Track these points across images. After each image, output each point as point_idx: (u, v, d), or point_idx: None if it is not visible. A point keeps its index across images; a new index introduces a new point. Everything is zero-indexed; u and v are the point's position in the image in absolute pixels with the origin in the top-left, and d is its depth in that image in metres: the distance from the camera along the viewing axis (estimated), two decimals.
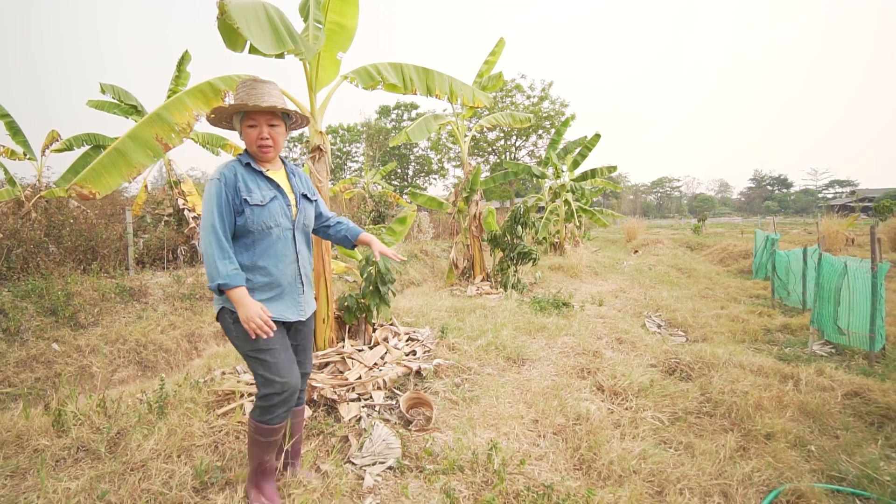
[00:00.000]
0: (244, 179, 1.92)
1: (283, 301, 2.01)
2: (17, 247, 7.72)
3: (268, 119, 1.94)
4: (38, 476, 2.19)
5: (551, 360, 4.06)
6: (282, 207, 1.98)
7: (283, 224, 1.98)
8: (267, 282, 1.95)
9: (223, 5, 1.83)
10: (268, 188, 1.97)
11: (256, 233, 1.92)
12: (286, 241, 2.00)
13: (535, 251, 7.46)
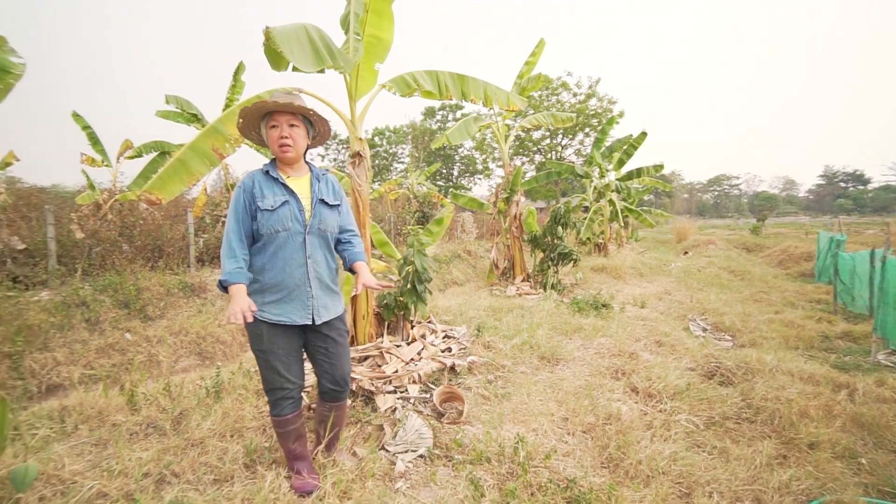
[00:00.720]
0: (260, 186, 2.06)
1: (291, 304, 2.07)
2: (96, 245, 8.52)
3: (287, 120, 2.07)
4: (117, 446, 2.50)
5: (586, 360, 4.07)
6: (292, 212, 2.06)
7: (291, 228, 2.05)
8: (274, 283, 2.05)
9: (268, 32, 2.05)
10: (280, 194, 2.07)
11: (266, 236, 2.04)
12: (295, 245, 2.06)
13: (576, 252, 7.41)
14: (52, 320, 6.29)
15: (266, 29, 2.06)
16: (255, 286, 2.06)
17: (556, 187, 36.21)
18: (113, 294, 7.36)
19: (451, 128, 6.19)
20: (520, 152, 37.97)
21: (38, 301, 6.52)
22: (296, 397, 2.15)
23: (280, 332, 2.06)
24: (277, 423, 2.15)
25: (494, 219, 8.34)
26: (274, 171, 2.11)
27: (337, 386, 2.26)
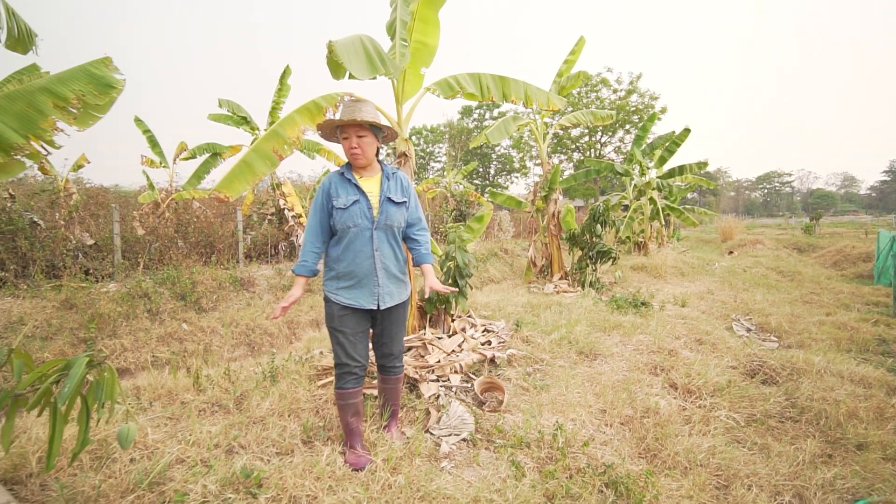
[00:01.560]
0: (336, 187, 2.33)
1: (360, 290, 2.33)
2: (155, 241, 9.13)
3: (356, 131, 2.29)
4: (189, 420, 2.77)
5: (624, 356, 4.10)
6: (361, 210, 2.30)
7: (361, 224, 2.30)
8: (347, 272, 2.32)
9: (331, 45, 2.25)
10: (353, 193, 2.31)
11: (340, 231, 2.32)
12: (364, 239, 2.31)
13: (615, 250, 7.37)
14: (119, 310, 6.82)
15: (329, 43, 2.27)
16: (331, 273, 2.36)
17: (595, 185, 35.57)
18: (171, 287, 7.87)
19: (490, 127, 6.30)
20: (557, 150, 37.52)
21: (107, 292, 7.08)
22: (358, 374, 2.37)
23: (349, 314, 2.33)
24: (339, 395, 2.38)
25: (532, 217, 8.39)
26: (348, 173, 2.36)
27: (391, 361, 2.56)
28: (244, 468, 2.15)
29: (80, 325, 6.28)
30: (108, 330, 6.50)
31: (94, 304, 6.63)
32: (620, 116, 33.52)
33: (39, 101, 1.75)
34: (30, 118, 1.73)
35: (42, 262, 7.08)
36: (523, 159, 41.29)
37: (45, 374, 1.55)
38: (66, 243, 7.59)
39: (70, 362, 1.59)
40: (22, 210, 7.30)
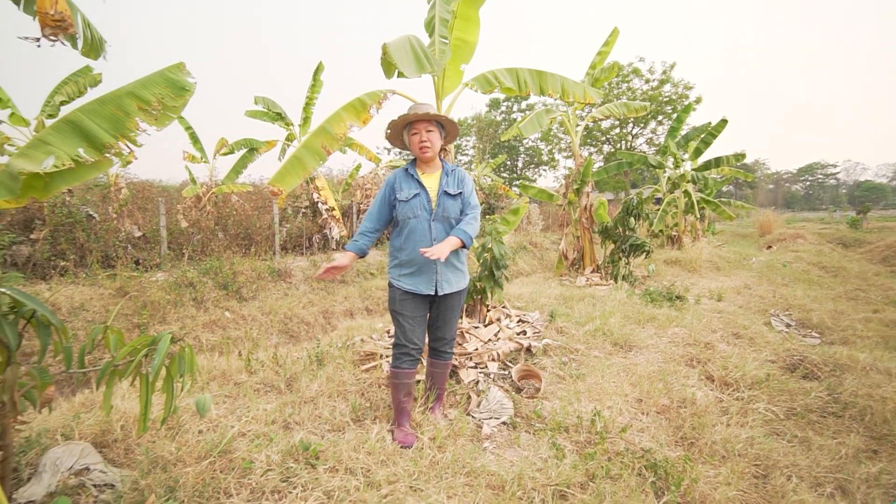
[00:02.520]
0: (399, 181, 2.55)
1: (420, 277, 2.51)
2: (197, 233, 9.54)
3: (425, 126, 2.50)
4: (246, 399, 2.98)
5: (659, 348, 4.12)
6: (421, 202, 2.49)
7: (420, 215, 2.49)
8: (408, 259, 2.51)
9: (385, 47, 2.39)
10: (414, 187, 2.51)
11: (402, 222, 2.53)
12: (423, 230, 2.49)
13: (649, 244, 7.30)
14: (167, 298, 7.20)
15: (384, 45, 2.41)
16: (394, 261, 2.56)
17: (626, 178, 34.85)
18: (214, 277, 8.23)
19: (523, 120, 6.33)
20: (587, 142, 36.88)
21: (156, 281, 7.48)
22: (414, 356, 2.53)
23: (409, 299, 2.51)
24: (394, 374, 2.54)
25: (564, 210, 8.37)
26: (412, 169, 2.56)
27: (442, 346, 2.71)
28: (302, 441, 2.32)
29: (134, 311, 6.67)
30: (158, 316, 6.88)
31: (145, 292, 7.02)
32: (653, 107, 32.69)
33: (126, 104, 1.93)
34: (118, 120, 1.91)
35: (97, 252, 7.52)
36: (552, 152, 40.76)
37: (135, 348, 1.74)
38: (117, 235, 8.04)
39: (156, 338, 1.77)
40: (79, 204, 7.77)
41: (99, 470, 2.08)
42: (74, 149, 1.83)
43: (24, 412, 1.76)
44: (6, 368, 1.57)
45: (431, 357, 2.80)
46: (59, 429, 2.37)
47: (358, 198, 13.25)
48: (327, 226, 11.50)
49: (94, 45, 2.76)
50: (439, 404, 2.86)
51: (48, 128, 1.87)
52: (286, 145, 11.57)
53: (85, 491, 1.94)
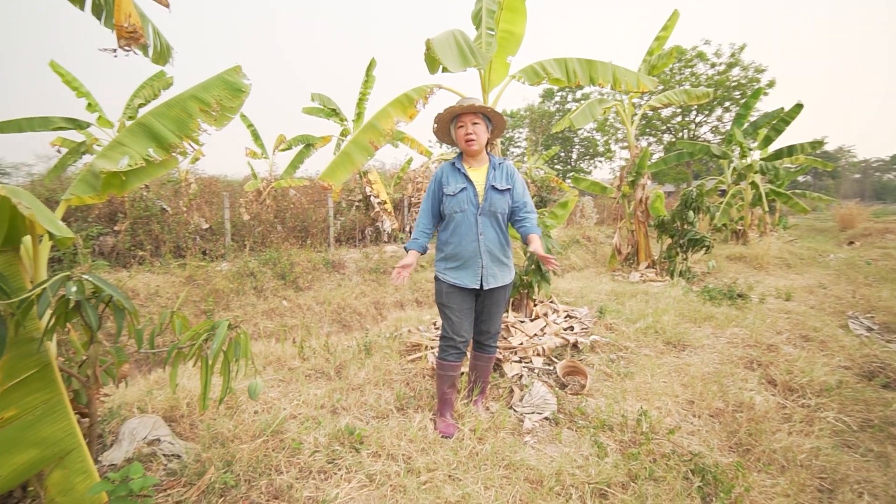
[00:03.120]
0: (447, 176, 2.56)
1: (465, 271, 2.52)
2: (258, 226, 10.07)
3: (471, 119, 2.50)
4: (298, 384, 3.14)
5: (716, 348, 3.92)
6: (468, 196, 2.49)
7: (467, 210, 2.49)
8: (453, 253, 2.53)
9: (429, 43, 2.41)
10: (461, 182, 2.51)
11: (448, 216, 2.54)
12: (469, 224, 2.50)
13: (709, 238, 6.91)
14: (230, 286, 7.68)
15: (427, 41, 2.44)
16: (441, 255, 2.59)
17: (688, 169, 33.01)
18: (272, 267, 8.67)
19: (575, 110, 6.17)
20: (646, 132, 35.21)
21: (221, 270, 7.99)
22: (460, 349, 2.56)
23: (456, 292, 2.53)
24: (440, 365, 2.59)
25: (618, 203, 8.10)
26: (459, 163, 2.57)
27: (487, 339, 2.72)
28: (348, 426, 2.43)
29: (201, 298, 7.18)
30: (222, 304, 7.37)
31: (210, 280, 7.53)
32: (719, 93, 30.64)
33: (189, 106, 2.08)
34: (183, 121, 2.07)
35: (170, 243, 8.14)
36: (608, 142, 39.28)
37: (197, 332, 1.88)
38: (187, 227, 8.65)
39: (215, 325, 1.90)
40: (154, 198, 8.43)
41: (168, 441, 2.28)
42: (145, 149, 2.00)
43: (106, 386, 1.96)
44: (90, 346, 1.76)
45: (476, 350, 2.82)
46: (136, 402, 2.61)
47: (409, 191, 13.45)
48: (379, 219, 11.78)
49: (162, 53, 2.98)
50: (482, 397, 2.89)
51: (124, 130, 2.06)
52: (340, 140, 11.92)
53: (156, 459, 2.14)
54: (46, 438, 1.66)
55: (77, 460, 1.71)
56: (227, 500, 1.91)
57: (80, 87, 7.94)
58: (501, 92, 3.68)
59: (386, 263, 10.17)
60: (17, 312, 1.47)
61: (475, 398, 2.82)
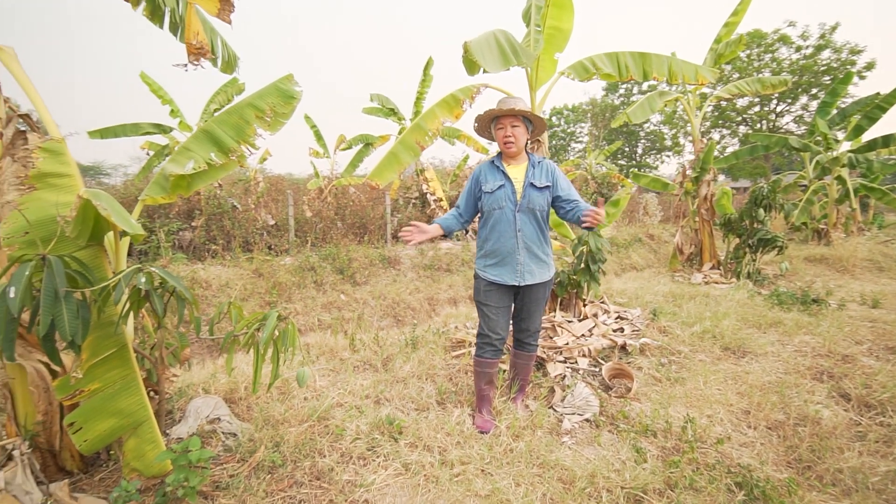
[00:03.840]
0: (485, 174, 2.59)
1: (504, 267, 2.54)
2: (319, 222, 10.56)
3: (511, 121, 2.51)
4: (346, 374, 3.30)
5: (780, 356, 3.65)
6: (506, 194, 2.51)
7: (505, 207, 2.51)
8: (493, 250, 2.56)
9: (466, 45, 2.45)
10: (500, 179, 2.53)
11: (487, 213, 2.58)
12: (507, 221, 2.51)
13: (782, 238, 6.41)
14: (293, 280, 8.13)
15: (465, 43, 2.48)
16: (480, 252, 2.64)
17: (767, 163, 30.51)
18: (332, 262, 9.07)
19: (632, 105, 5.94)
20: (719, 124, 32.94)
21: (284, 265, 8.47)
22: (497, 347, 2.60)
23: (494, 289, 2.56)
24: (477, 363, 2.63)
25: (680, 200, 7.70)
26: (498, 161, 2.60)
27: (527, 338, 2.73)
28: (388, 416, 2.53)
29: (266, 290, 7.66)
30: (285, 296, 7.82)
31: (275, 273, 8.01)
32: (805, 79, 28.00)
33: (246, 113, 2.26)
34: (240, 127, 2.25)
35: (240, 238, 8.75)
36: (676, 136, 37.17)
37: (250, 322, 2.05)
38: (255, 223, 9.25)
39: (266, 315, 2.06)
40: (226, 196, 9.08)
41: (227, 420, 2.49)
42: (208, 153, 2.20)
43: (172, 367, 2.18)
44: (157, 331, 1.98)
45: (515, 348, 2.83)
46: (201, 384, 2.88)
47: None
48: (435, 216, 11.95)
49: (229, 63, 3.23)
50: (522, 395, 2.89)
51: (190, 137, 2.27)
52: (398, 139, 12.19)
53: (215, 436, 2.36)
54: (123, 410, 1.89)
55: (147, 431, 1.93)
56: (275, 477, 2.07)
57: (164, 95, 8.71)
58: (550, 89, 3.64)
59: (440, 260, 10.32)
60: (98, 299, 1.69)
61: (514, 396, 2.84)
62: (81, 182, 1.91)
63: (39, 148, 1.84)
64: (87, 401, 1.84)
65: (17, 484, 1.84)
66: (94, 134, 8.05)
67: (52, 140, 1.87)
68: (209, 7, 2.12)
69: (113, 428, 1.88)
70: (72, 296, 1.58)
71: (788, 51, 29.00)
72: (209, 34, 2.80)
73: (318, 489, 2.03)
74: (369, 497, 1.98)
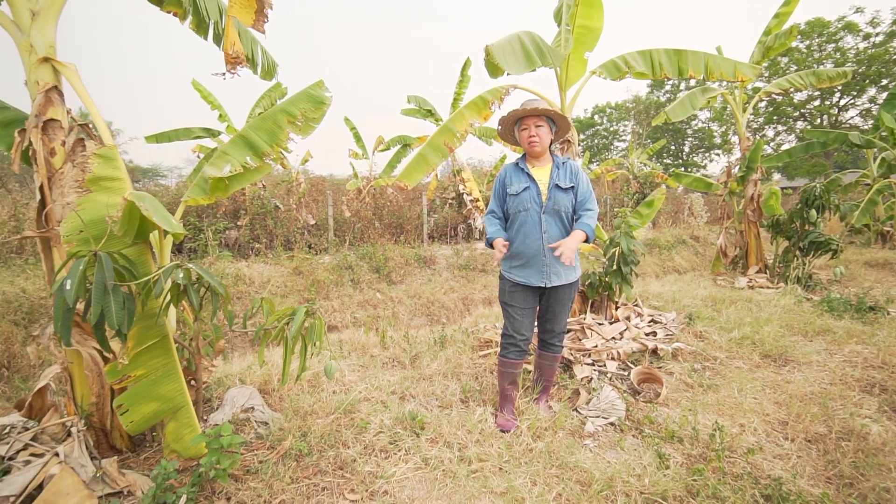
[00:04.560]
0: (510, 176, 2.60)
1: (529, 269, 2.55)
2: (358, 222, 10.82)
3: (534, 121, 2.52)
4: (374, 370, 3.40)
5: (827, 366, 3.46)
6: (531, 195, 2.51)
7: (531, 209, 2.51)
8: (518, 252, 2.56)
9: (488, 48, 2.48)
10: (525, 181, 2.54)
11: (512, 215, 2.59)
12: (533, 223, 2.51)
13: (837, 241, 6.03)
14: (330, 278, 8.37)
15: (486, 47, 2.50)
16: (506, 253, 2.61)
17: (827, 161, 28.57)
18: (369, 261, 9.27)
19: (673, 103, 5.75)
20: (773, 120, 31.17)
21: (323, 263, 8.74)
22: (521, 347, 2.61)
23: (519, 290, 2.58)
24: (501, 363, 2.65)
25: (724, 200, 7.38)
26: (522, 163, 2.62)
27: (551, 338, 2.73)
28: (411, 412, 2.60)
29: (305, 287, 7.94)
30: (323, 293, 8.07)
31: (314, 272, 8.28)
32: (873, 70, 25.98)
33: (279, 119, 2.39)
34: (274, 132, 2.38)
35: (281, 237, 9.10)
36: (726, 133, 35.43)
37: (280, 317, 2.16)
38: (296, 223, 9.59)
39: (295, 311, 2.17)
40: (269, 196, 9.47)
41: (260, 410, 2.63)
42: (244, 157, 2.34)
43: (207, 357, 2.33)
44: (194, 324, 2.12)
45: (540, 349, 2.83)
46: (238, 375, 3.05)
47: None
48: (471, 216, 11.98)
49: (268, 70, 3.40)
50: (545, 396, 2.89)
51: (229, 141, 2.42)
52: None
53: (248, 424, 2.50)
54: (164, 395, 2.04)
55: (185, 416, 2.08)
56: (301, 465, 2.18)
57: (213, 101, 9.18)
58: (580, 89, 3.60)
59: (476, 260, 10.35)
60: (142, 292, 1.84)
61: (537, 396, 2.84)
62: (130, 185, 2.07)
63: (95, 154, 2.02)
64: (133, 385, 2.00)
65: (75, 457, 2.03)
66: (151, 139, 8.59)
67: (106, 147, 2.04)
68: (245, 19, 2.25)
69: (155, 411, 2.04)
70: (119, 289, 1.73)
71: (855, 39, 27.03)
72: (249, 44, 2.96)
73: (341, 478, 2.11)
74: (389, 488, 2.05)
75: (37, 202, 2.08)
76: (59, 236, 1.99)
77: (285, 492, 2.00)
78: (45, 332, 2.23)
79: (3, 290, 5.51)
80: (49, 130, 2.05)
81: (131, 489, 1.99)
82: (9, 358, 4.99)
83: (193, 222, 8.55)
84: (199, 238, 8.27)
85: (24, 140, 2.07)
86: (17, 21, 2.04)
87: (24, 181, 9.64)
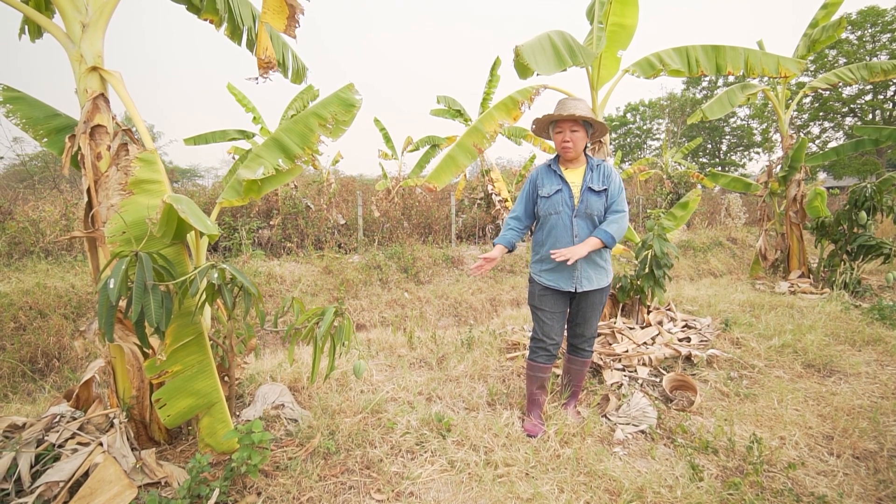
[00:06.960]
0: (542, 178, 2.56)
1: (559, 273, 2.50)
2: (386, 222, 10.92)
3: (569, 126, 2.46)
4: (402, 370, 3.42)
5: (878, 378, 3.27)
6: (563, 198, 2.46)
7: (562, 211, 2.46)
8: (548, 255, 2.49)
9: (517, 49, 2.45)
10: (557, 184, 2.49)
11: (543, 217, 2.54)
12: (564, 226, 2.46)
13: (891, 244, 5.70)
14: (359, 277, 8.48)
15: (516, 47, 2.47)
16: (536, 256, 2.61)
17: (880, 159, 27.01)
18: (397, 261, 9.34)
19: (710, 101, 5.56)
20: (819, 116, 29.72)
21: (352, 262, 8.86)
22: (551, 352, 2.57)
23: (549, 295, 2.54)
24: (530, 366, 2.63)
25: (765, 201, 7.08)
26: (555, 165, 2.57)
27: (581, 343, 2.68)
28: (438, 414, 2.60)
29: (334, 286, 8.06)
30: (352, 292, 8.18)
31: (343, 271, 8.41)
32: None
33: (310, 122, 2.43)
34: (305, 135, 2.42)
35: (312, 236, 9.27)
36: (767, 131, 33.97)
37: (310, 316, 2.20)
38: (326, 222, 9.76)
39: (324, 311, 2.21)
40: (301, 197, 9.67)
41: (290, 407, 2.69)
42: (276, 160, 2.39)
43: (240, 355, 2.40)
44: (228, 322, 2.18)
45: (569, 353, 2.78)
46: (269, 372, 3.12)
47: None
48: (500, 216, 11.91)
49: (298, 73, 3.46)
50: (574, 401, 2.84)
51: (262, 144, 2.48)
52: None
53: (279, 420, 2.55)
54: (199, 390, 2.11)
55: (219, 411, 2.14)
56: (328, 463, 2.21)
57: (248, 104, 9.44)
58: (612, 88, 3.52)
59: (504, 261, 10.29)
60: (179, 291, 1.90)
61: (565, 401, 2.79)
62: (169, 187, 2.15)
63: (137, 158, 2.11)
64: (170, 380, 2.08)
65: (117, 448, 2.12)
66: (189, 141, 8.91)
67: (147, 151, 2.13)
68: (278, 24, 2.30)
69: (191, 406, 2.11)
70: (157, 288, 1.80)
71: None
72: (280, 49, 3.02)
73: (368, 478, 2.13)
74: (414, 489, 2.06)
75: (84, 204, 2.19)
76: (104, 237, 2.09)
77: (313, 489, 2.03)
78: (90, 327, 2.34)
79: (54, 285, 5.83)
80: (96, 136, 2.15)
81: (168, 480, 2.07)
82: (59, 350, 5.28)
83: (228, 222, 8.82)
84: (234, 237, 8.52)
85: (73, 145, 2.17)
86: (70, 33, 2.15)
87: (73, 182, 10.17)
